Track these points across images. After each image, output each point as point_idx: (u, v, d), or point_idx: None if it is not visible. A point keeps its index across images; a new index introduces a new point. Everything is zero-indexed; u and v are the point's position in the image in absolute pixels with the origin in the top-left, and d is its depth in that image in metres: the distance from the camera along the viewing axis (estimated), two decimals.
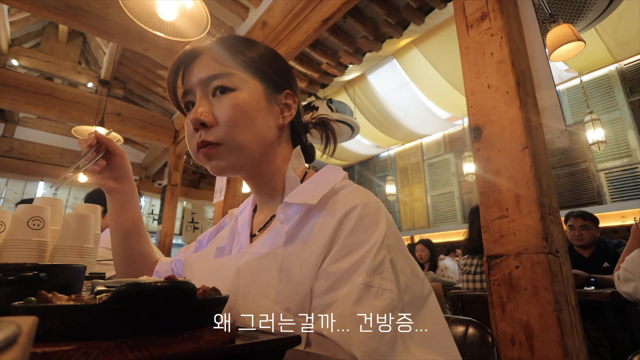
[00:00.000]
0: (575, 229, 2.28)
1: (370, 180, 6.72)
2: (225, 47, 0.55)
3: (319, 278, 0.43)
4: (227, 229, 0.63)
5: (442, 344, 0.42)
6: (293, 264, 0.45)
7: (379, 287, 0.40)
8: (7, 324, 0.15)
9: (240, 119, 0.51)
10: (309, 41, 2.19)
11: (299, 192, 0.50)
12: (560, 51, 2.10)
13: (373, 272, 0.40)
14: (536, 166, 0.97)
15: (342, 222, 0.44)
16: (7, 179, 5.11)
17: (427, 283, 0.48)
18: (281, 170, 0.57)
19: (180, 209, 6.49)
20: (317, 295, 0.42)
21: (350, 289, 0.40)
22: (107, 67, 4.15)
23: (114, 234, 0.71)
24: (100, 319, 0.24)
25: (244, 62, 0.54)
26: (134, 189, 0.71)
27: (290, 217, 0.48)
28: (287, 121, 0.57)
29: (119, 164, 0.68)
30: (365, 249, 0.42)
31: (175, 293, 0.27)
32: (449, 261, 3.78)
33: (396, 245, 0.45)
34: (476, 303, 1.76)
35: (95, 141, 0.62)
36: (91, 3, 2.27)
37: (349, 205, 0.45)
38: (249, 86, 0.53)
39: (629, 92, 3.85)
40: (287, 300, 0.43)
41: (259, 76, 0.55)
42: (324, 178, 0.53)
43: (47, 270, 0.39)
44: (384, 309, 0.38)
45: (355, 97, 4.63)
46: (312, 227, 0.47)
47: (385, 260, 0.42)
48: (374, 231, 0.44)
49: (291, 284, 0.44)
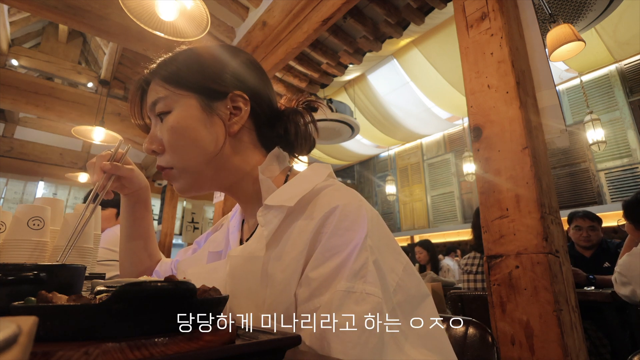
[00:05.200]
0: (582, 230, 2.27)
1: (370, 180, 6.72)
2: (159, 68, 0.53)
3: (302, 285, 0.42)
4: (222, 233, 0.63)
5: (439, 345, 0.42)
6: (276, 270, 0.43)
7: (362, 291, 0.38)
8: (7, 324, 0.15)
9: (178, 141, 0.50)
10: (309, 41, 2.19)
11: (278, 194, 0.48)
12: (560, 51, 2.10)
13: (354, 277, 0.39)
14: (536, 166, 0.97)
15: (323, 225, 0.43)
16: (7, 179, 5.11)
17: (423, 282, 0.47)
18: (252, 178, 0.54)
19: (180, 209, 6.49)
20: (300, 302, 0.41)
21: (330, 296, 0.39)
22: (107, 67, 4.15)
23: (123, 232, 0.72)
24: (100, 319, 0.24)
25: (171, 78, 0.52)
26: (145, 193, 0.71)
27: (269, 221, 0.46)
28: (239, 126, 0.53)
29: (129, 181, 0.67)
30: (346, 253, 0.41)
31: (175, 293, 0.27)
32: (449, 261, 3.78)
33: (382, 243, 0.44)
34: (476, 303, 1.76)
35: (102, 174, 0.59)
36: (91, 3, 2.27)
37: (329, 207, 0.44)
38: (181, 104, 0.51)
39: (629, 92, 3.85)
40: (273, 306, 0.42)
41: (189, 89, 0.51)
42: (306, 178, 0.50)
43: (47, 270, 0.39)
44: (367, 313, 0.37)
45: (355, 97, 4.63)
46: (293, 230, 0.45)
47: (367, 262, 0.40)
48: (354, 233, 0.42)
49: (275, 289, 0.43)
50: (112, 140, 3.27)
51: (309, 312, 0.40)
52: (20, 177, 5.15)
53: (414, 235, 5.66)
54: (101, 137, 3.16)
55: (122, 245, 0.72)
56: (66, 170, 5.04)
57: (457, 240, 4.97)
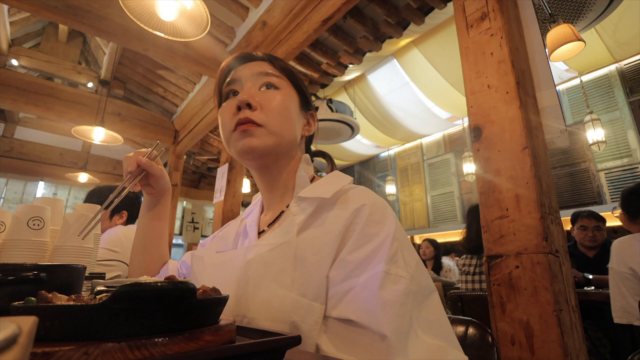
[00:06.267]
0: (588, 230, 2.26)
1: (370, 180, 6.72)
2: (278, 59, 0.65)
3: (337, 267, 0.46)
4: (230, 232, 0.66)
5: (445, 333, 0.44)
6: (307, 252, 0.48)
7: (396, 274, 0.43)
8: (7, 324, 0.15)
9: (283, 112, 0.59)
10: (309, 41, 2.18)
11: (311, 189, 0.55)
12: (560, 51, 2.10)
13: (390, 261, 0.44)
14: (536, 166, 0.97)
15: (355, 216, 0.48)
16: (7, 179, 5.11)
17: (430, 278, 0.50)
18: (293, 171, 0.62)
19: (180, 209, 6.49)
20: (334, 283, 0.45)
21: (371, 276, 0.43)
22: (107, 67, 4.15)
23: (139, 230, 0.76)
24: (100, 319, 0.24)
25: (290, 74, 0.64)
26: (167, 197, 0.76)
27: (304, 209, 0.52)
28: (307, 134, 0.66)
29: (155, 180, 0.72)
30: (380, 240, 0.46)
31: (175, 293, 0.27)
32: (449, 261, 3.78)
33: (403, 239, 0.49)
34: (476, 303, 1.76)
35: (136, 166, 0.66)
36: (91, 3, 2.27)
37: (359, 203, 0.49)
38: (290, 92, 0.62)
39: (629, 92, 3.85)
40: (304, 287, 0.45)
41: (298, 89, 0.64)
42: (333, 180, 0.57)
43: (47, 270, 0.39)
44: (402, 293, 0.42)
45: (355, 97, 4.63)
46: (325, 219, 0.50)
47: (398, 250, 0.45)
48: (384, 225, 0.47)
49: (306, 271, 0.46)
50: (112, 140, 3.27)
51: (344, 291, 0.44)
52: (20, 177, 5.15)
53: (414, 235, 5.66)
54: (101, 137, 3.15)
55: (136, 242, 0.76)
56: (66, 170, 5.04)
57: (457, 241, 4.96)
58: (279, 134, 0.57)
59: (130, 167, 0.65)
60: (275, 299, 0.45)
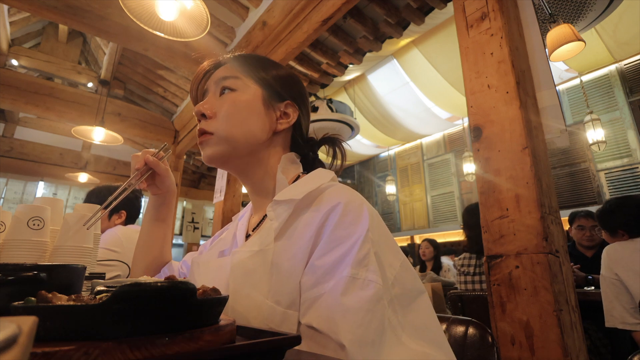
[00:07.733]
0: (586, 229, 2.27)
1: (370, 180, 6.72)
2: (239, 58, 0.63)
3: (307, 273, 0.45)
4: (230, 233, 0.66)
5: (435, 337, 0.43)
6: (282, 259, 0.47)
7: (364, 278, 0.41)
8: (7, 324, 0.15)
9: (234, 115, 0.57)
10: (309, 41, 2.18)
11: (287, 191, 0.53)
12: (560, 51, 2.10)
13: (358, 265, 0.42)
14: (536, 166, 0.97)
15: (327, 218, 0.47)
16: (7, 179, 5.11)
17: (419, 278, 0.49)
18: (273, 173, 0.60)
19: (180, 209, 6.49)
20: (305, 290, 0.44)
21: (336, 282, 0.42)
22: (107, 67, 4.15)
23: (144, 230, 0.76)
24: (100, 319, 0.24)
25: (249, 70, 0.61)
26: (172, 198, 0.77)
27: (279, 215, 0.50)
28: (283, 127, 0.61)
29: (161, 180, 0.73)
30: (350, 243, 0.44)
31: (175, 293, 0.27)
32: (449, 261, 3.78)
33: (382, 239, 0.47)
34: (476, 303, 1.76)
35: (144, 164, 0.67)
36: (91, 3, 2.27)
37: (333, 203, 0.47)
38: (249, 90, 0.60)
39: (629, 92, 3.85)
40: (278, 294, 0.45)
41: (260, 83, 0.61)
42: (312, 179, 0.55)
43: (47, 270, 0.39)
44: (369, 299, 0.40)
45: (355, 97, 4.63)
46: (299, 223, 0.49)
47: (369, 253, 0.43)
48: (357, 226, 0.45)
49: (281, 278, 0.46)
50: (112, 140, 3.27)
51: (314, 297, 0.43)
52: (20, 177, 5.15)
53: (414, 235, 5.66)
54: (101, 137, 3.15)
55: (140, 241, 0.76)
56: (66, 170, 5.04)
57: (457, 241, 4.97)
58: (230, 138, 0.56)
59: (138, 164, 0.66)
60: (253, 307, 0.45)
